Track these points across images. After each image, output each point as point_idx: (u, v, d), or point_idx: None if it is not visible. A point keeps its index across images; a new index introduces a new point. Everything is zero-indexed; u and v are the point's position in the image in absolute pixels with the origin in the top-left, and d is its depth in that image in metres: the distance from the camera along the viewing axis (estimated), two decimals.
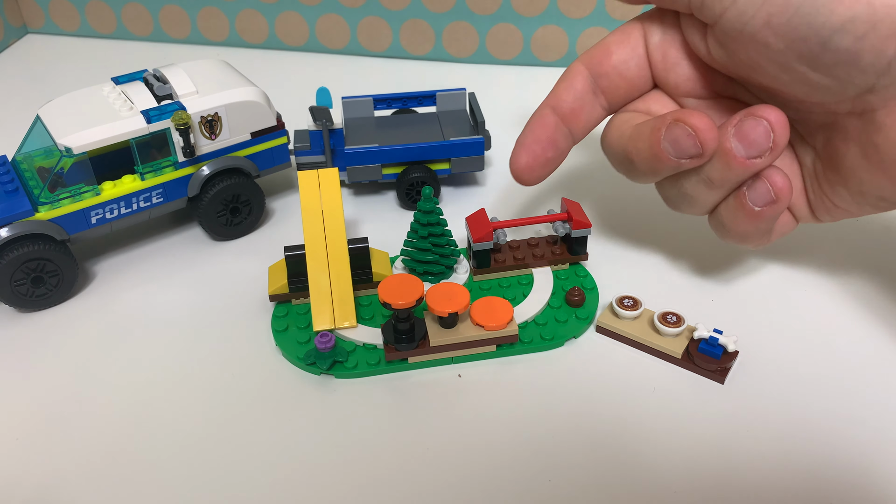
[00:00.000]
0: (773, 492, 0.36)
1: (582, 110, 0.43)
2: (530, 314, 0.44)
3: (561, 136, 0.44)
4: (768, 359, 0.42)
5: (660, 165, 0.39)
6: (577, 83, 0.43)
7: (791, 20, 0.34)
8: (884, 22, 0.32)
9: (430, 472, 0.37)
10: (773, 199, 0.38)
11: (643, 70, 0.42)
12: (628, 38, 0.42)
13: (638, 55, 0.42)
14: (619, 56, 0.42)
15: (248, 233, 0.54)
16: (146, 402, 0.41)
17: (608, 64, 0.43)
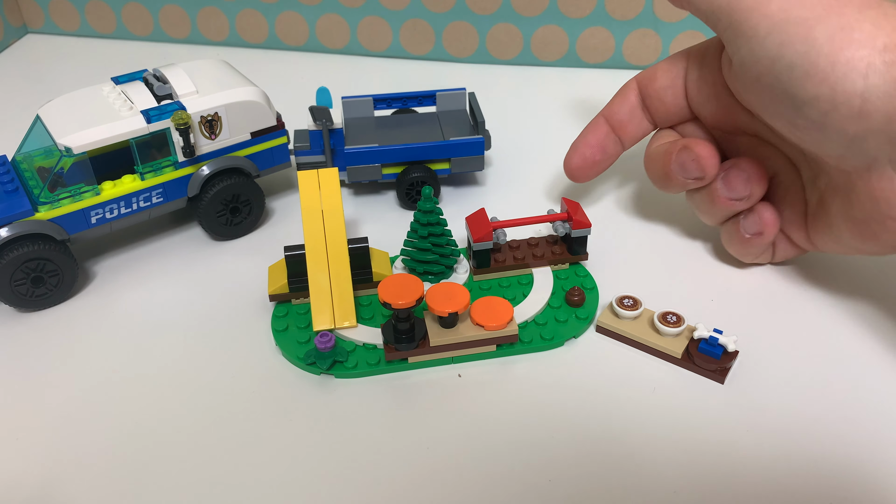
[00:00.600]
0: (774, 492, 0.36)
1: (631, 123, 0.49)
2: (530, 314, 0.44)
3: (611, 142, 0.50)
4: (768, 359, 0.42)
5: (670, 183, 0.47)
6: (629, 98, 0.49)
7: (773, 84, 0.38)
8: (844, 106, 0.36)
9: (430, 472, 0.37)
10: (760, 231, 0.45)
11: (679, 99, 0.48)
12: (673, 67, 0.48)
13: (676, 86, 0.47)
14: (661, 82, 0.48)
15: (248, 233, 0.54)
16: (146, 402, 0.41)
17: (652, 87, 0.48)
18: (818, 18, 0.37)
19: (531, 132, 0.64)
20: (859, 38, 0.36)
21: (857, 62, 0.35)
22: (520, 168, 0.59)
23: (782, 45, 0.37)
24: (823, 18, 0.36)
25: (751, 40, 0.39)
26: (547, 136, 0.63)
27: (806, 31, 0.37)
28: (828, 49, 0.36)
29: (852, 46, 0.35)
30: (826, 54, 0.36)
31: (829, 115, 0.37)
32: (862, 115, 0.36)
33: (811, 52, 0.36)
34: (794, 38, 0.37)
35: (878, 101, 0.35)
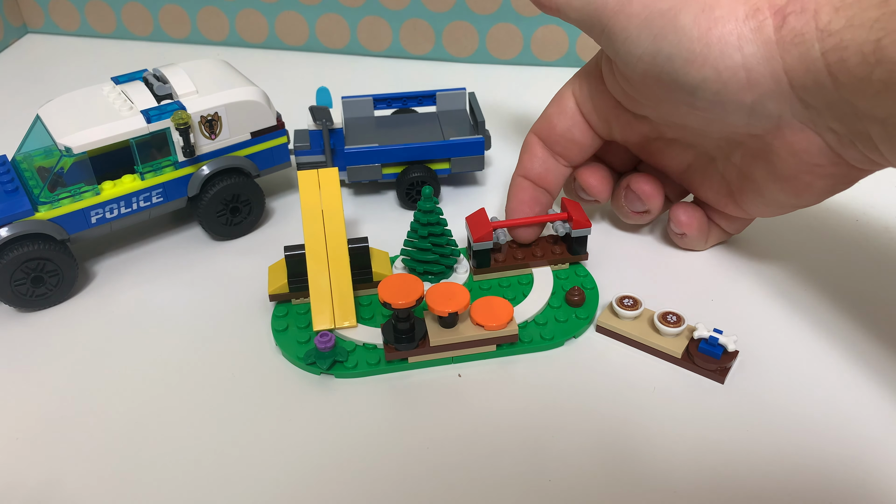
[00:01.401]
0: (773, 492, 0.36)
1: (549, 173, 0.48)
2: (530, 314, 0.44)
3: (540, 195, 0.49)
4: (768, 359, 0.42)
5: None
6: (536, 152, 0.49)
7: (660, 76, 0.39)
8: (732, 81, 0.37)
9: (430, 472, 0.37)
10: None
11: (586, 132, 0.48)
12: (564, 108, 0.48)
13: (577, 122, 0.47)
14: (561, 126, 0.48)
15: (248, 232, 0.54)
16: (146, 402, 0.41)
17: (555, 134, 0.48)
18: (679, 6, 0.37)
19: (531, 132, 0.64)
20: (721, 14, 0.36)
21: (727, 37, 0.36)
22: None
23: (655, 38, 0.38)
24: (684, 5, 0.37)
25: (626, 41, 0.40)
26: None
27: (672, 21, 0.38)
28: (697, 32, 0.37)
29: (718, 24, 0.36)
30: (697, 38, 0.37)
31: (721, 93, 0.38)
32: (751, 83, 0.37)
33: (683, 40, 0.37)
34: (664, 30, 0.38)
35: (760, 66, 0.36)
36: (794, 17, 0.35)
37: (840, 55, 0.33)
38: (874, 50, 0.32)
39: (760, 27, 0.36)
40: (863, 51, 0.32)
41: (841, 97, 0.34)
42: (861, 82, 0.33)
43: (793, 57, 0.35)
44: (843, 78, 0.34)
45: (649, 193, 0.48)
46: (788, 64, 0.35)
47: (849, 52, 0.33)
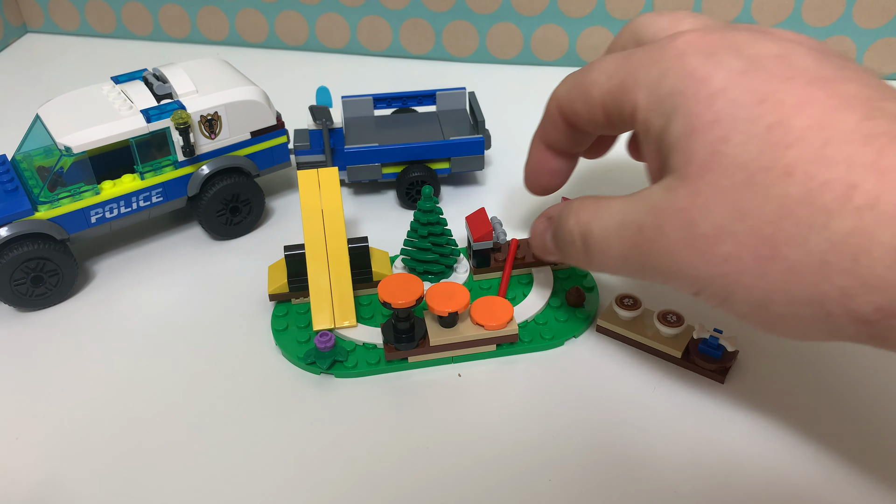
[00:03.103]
0: (773, 492, 0.35)
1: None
2: (530, 314, 0.44)
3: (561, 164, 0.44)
4: (768, 359, 0.42)
5: None
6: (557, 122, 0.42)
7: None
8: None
9: (430, 472, 0.37)
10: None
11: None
12: (541, 154, 0.44)
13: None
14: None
15: (248, 232, 0.53)
16: (146, 402, 0.41)
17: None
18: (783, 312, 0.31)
19: (531, 132, 0.64)
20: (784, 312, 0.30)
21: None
22: (520, 168, 0.59)
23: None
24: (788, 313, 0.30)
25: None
26: None
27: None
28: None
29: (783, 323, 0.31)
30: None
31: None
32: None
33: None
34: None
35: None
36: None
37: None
38: None
39: (839, 330, 0.29)
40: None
41: None
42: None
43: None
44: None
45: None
46: None
47: None
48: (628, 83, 0.34)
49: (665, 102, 0.32)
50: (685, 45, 0.32)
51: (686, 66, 0.32)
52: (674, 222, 0.31)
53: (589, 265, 0.37)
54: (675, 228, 0.31)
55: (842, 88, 0.29)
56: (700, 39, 0.32)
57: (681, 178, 0.31)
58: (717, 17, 0.36)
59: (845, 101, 0.29)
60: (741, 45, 0.32)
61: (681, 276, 0.32)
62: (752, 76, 0.30)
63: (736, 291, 0.30)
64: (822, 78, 0.30)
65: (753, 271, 0.29)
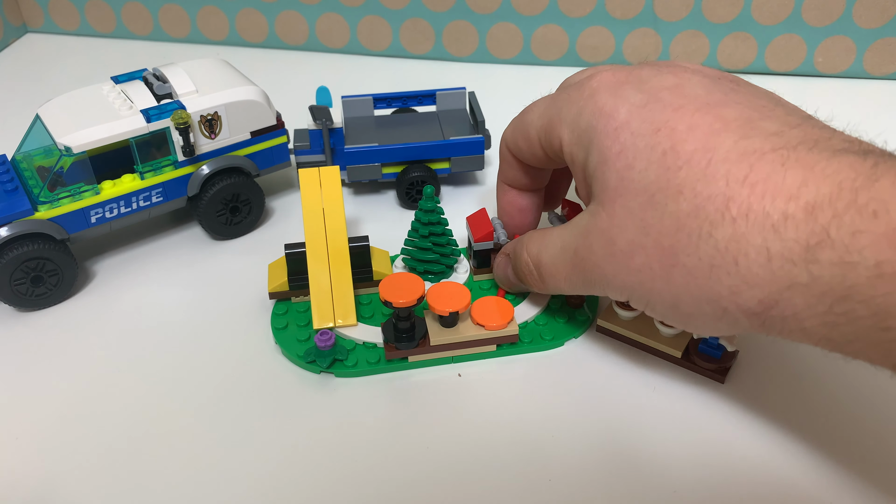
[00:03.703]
0: (773, 492, 0.35)
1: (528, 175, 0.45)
2: (531, 314, 0.44)
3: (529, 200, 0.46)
4: (768, 359, 0.42)
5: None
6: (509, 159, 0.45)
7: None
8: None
9: (430, 472, 0.37)
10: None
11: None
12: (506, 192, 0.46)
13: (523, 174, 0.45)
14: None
15: (248, 232, 0.53)
16: (146, 401, 0.41)
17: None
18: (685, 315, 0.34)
19: None
20: (699, 324, 0.34)
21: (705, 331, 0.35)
22: None
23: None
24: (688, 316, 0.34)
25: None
26: None
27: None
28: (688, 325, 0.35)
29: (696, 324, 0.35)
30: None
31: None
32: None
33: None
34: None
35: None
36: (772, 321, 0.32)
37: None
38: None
39: (735, 323, 0.32)
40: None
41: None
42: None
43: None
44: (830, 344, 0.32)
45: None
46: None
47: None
48: (555, 121, 0.39)
49: (583, 137, 0.36)
50: (598, 84, 0.37)
51: (597, 103, 0.36)
52: (598, 241, 0.36)
53: (546, 289, 0.41)
54: (600, 247, 0.36)
55: (725, 112, 0.33)
56: (610, 77, 0.37)
57: (601, 203, 0.35)
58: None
59: (727, 124, 0.32)
60: (643, 80, 0.36)
61: (611, 286, 0.36)
62: (650, 108, 0.34)
63: (652, 297, 0.34)
64: (709, 104, 0.33)
65: (662, 278, 0.33)
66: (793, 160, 0.30)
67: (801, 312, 0.30)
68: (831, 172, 0.29)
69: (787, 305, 0.30)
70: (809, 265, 0.29)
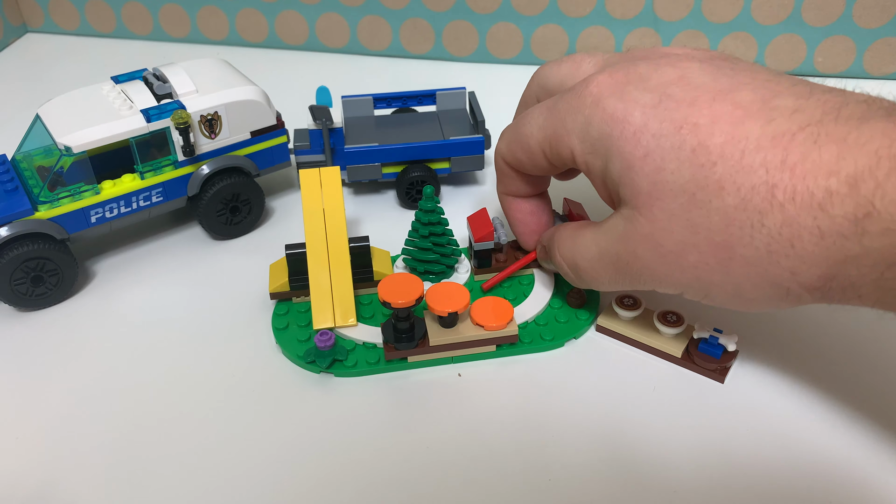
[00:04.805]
0: (773, 491, 0.35)
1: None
2: (531, 314, 0.44)
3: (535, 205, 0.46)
4: (768, 359, 0.42)
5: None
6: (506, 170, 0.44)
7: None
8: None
9: (430, 471, 0.37)
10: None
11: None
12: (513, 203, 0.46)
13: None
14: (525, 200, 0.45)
15: (248, 232, 0.53)
16: (146, 401, 0.41)
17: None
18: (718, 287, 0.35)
19: None
20: (753, 297, 0.35)
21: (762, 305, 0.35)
22: None
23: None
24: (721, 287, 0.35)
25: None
26: None
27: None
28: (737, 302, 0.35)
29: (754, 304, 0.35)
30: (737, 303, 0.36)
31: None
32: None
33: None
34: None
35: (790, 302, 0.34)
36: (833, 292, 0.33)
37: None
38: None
39: (799, 298, 0.33)
40: None
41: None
42: None
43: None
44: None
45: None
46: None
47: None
48: (560, 132, 0.38)
49: (598, 146, 0.36)
50: (598, 90, 0.36)
51: (605, 110, 0.36)
52: (643, 246, 0.35)
53: (586, 287, 0.41)
54: (646, 251, 0.35)
55: (739, 97, 0.33)
56: (609, 80, 0.36)
57: (636, 208, 0.35)
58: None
59: (746, 111, 0.33)
60: (645, 77, 0.36)
61: (664, 284, 0.36)
62: (665, 106, 0.34)
63: (711, 289, 0.35)
64: (721, 91, 0.34)
65: (719, 271, 0.34)
66: (824, 136, 0.30)
67: (857, 281, 0.31)
68: (864, 142, 0.29)
69: (843, 277, 0.31)
70: (860, 238, 0.29)
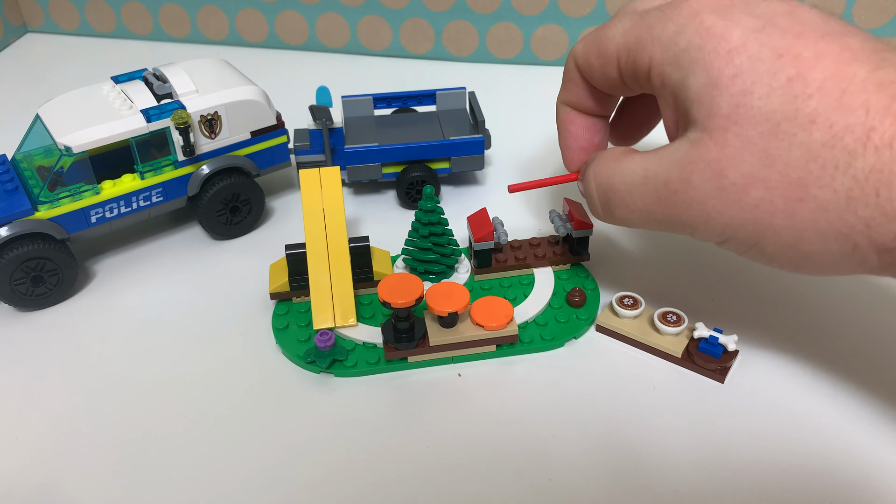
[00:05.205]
0: (773, 491, 0.35)
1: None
2: (531, 314, 0.44)
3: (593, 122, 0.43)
4: (768, 359, 0.42)
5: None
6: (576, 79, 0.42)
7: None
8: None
9: (430, 472, 0.37)
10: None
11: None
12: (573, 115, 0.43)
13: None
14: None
15: (248, 232, 0.53)
16: (146, 401, 0.41)
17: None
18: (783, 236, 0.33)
19: (531, 131, 0.64)
20: (811, 248, 0.33)
21: (826, 265, 0.33)
22: (520, 167, 0.59)
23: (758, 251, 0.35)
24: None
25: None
26: (547, 135, 0.63)
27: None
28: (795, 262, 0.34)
29: (811, 260, 0.33)
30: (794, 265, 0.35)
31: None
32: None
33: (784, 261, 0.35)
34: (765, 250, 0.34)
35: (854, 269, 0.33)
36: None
37: None
38: None
39: (863, 261, 0.32)
40: None
41: None
42: None
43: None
44: None
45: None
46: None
47: None
48: (644, 38, 0.36)
49: (682, 57, 0.34)
50: (699, 5, 0.34)
51: (703, 23, 0.33)
52: (703, 174, 0.33)
53: (610, 218, 0.39)
54: (705, 180, 0.33)
55: (850, 42, 0.32)
56: (713, 0, 0.34)
57: (707, 131, 0.33)
58: None
59: (855, 54, 0.31)
60: (752, 4, 0.34)
61: (709, 225, 0.34)
62: (768, 33, 0.32)
63: (767, 235, 0.33)
64: (830, 32, 0.32)
65: (784, 213, 0.32)
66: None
67: None
68: None
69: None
70: None
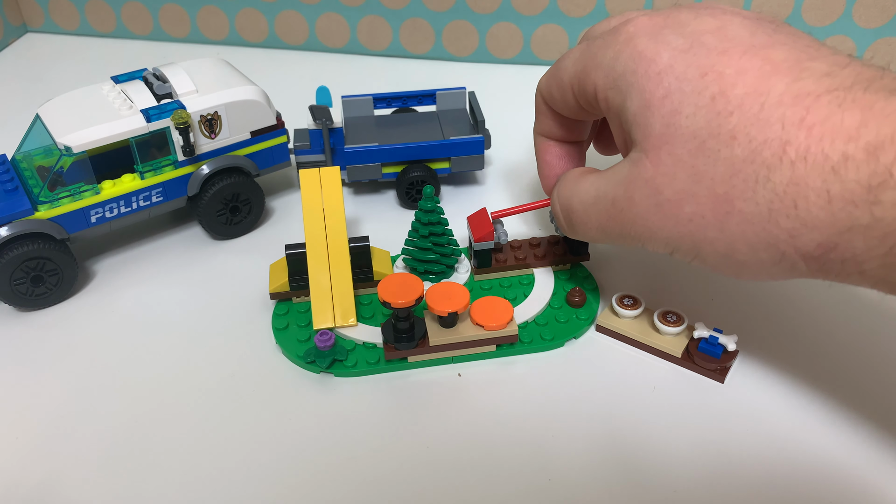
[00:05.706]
0: (773, 491, 0.35)
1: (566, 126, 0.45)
2: (531, 314, 0.44)
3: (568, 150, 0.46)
4: (768, 359, 0.42)
5: None
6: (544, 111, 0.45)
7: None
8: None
9: (430, 471, 0.37)
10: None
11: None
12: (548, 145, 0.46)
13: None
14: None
15: (248, 232, 0.53)
16: (146, 401, 0.41)
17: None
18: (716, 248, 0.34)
19: (531, 131, 0.64)
20: (745, 259, 0.34)
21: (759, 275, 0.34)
22: (520, 167, 0.59)
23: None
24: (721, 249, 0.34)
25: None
26: None
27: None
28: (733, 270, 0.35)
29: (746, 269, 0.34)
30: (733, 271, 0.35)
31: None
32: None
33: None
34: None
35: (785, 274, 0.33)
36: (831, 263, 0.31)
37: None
38: None
39: (793, 268, 0.32)
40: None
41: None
42: None
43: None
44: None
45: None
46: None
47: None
48: (588, 66, 0.38)
49: (620, 81, 0.36)
50: (635, 29, 0.36)
51: (636, 47, 0.35)
52: (642, 191, 0.35)
53: (574, 234, 0.41)
54: (644, 197, 0.35)
55: (773, 54, 0.32)
56: (647, 22, 0.36)
57: (644, 151, 0.34)
58: None
59: (776, 67, 0.32)
60: (683, 24, 0.35)
61: (654, 238, 0.35)
62: (694, 52, 0.34)
63: (703, 246, 0.34)
64: (755, 46, 0.33)
65: (715, 226, 0.33)
66: (849, 101, 0.30)
67: (861, 255, 0.30)
68: (890, 112, 0.29)
69: (846, 248, 0.30)
70: (871, 206, 0.29)
